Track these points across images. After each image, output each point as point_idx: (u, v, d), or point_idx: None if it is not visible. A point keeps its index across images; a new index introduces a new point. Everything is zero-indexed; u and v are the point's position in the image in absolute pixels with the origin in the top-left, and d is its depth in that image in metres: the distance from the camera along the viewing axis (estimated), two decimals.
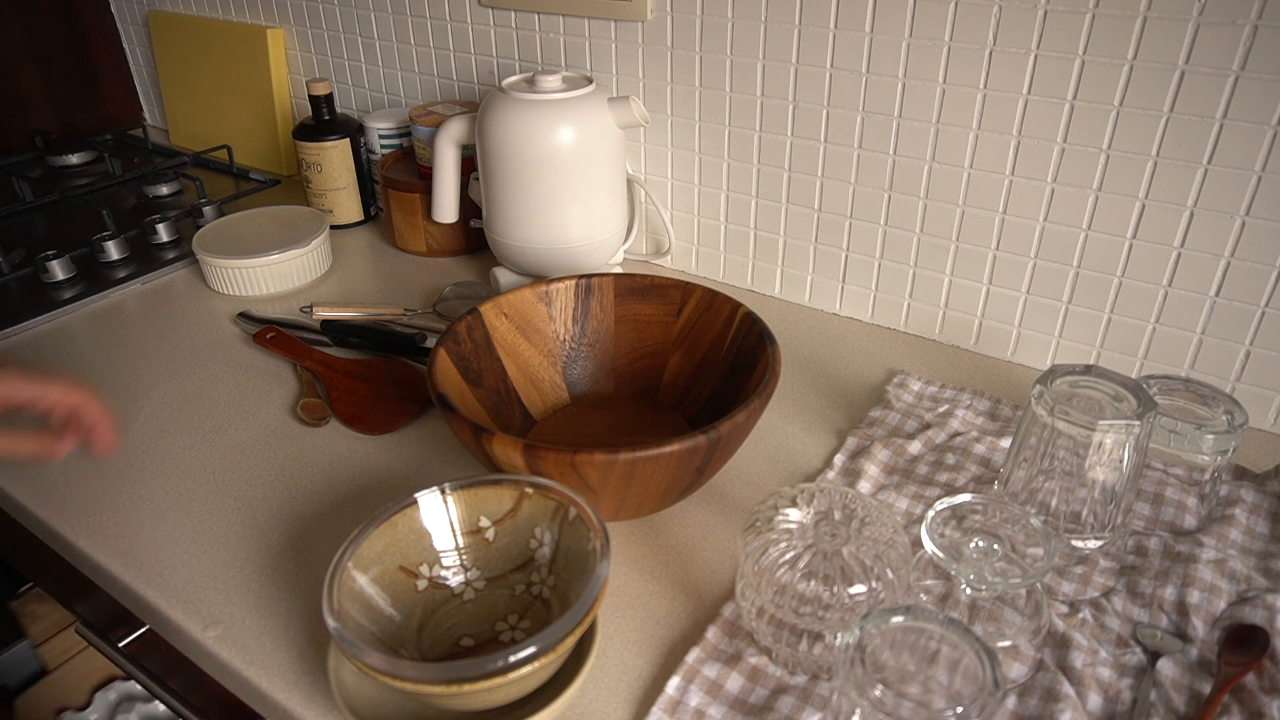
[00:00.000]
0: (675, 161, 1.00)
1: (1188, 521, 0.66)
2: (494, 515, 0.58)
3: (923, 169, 0.84)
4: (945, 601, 0.57)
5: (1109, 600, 0.60)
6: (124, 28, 1.56)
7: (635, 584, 0.64)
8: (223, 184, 1.36)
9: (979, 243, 0.85)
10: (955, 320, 0.90)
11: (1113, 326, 0.81)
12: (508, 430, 0.74)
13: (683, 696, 0.54)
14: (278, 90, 1.34)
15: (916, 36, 0.79)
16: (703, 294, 0.77)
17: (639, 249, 1.10)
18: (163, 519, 0.70)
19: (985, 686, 0.41)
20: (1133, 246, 0.77)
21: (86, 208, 1.24)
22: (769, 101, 0.90)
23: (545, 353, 0.79)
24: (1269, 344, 0.75)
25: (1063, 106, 0.75)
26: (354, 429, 0.79)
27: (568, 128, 0.87)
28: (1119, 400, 0.60)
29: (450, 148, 0.97)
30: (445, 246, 1.11)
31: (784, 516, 0.55)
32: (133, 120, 1.62)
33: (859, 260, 0.93)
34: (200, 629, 0.61)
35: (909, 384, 0.84)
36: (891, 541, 0.54)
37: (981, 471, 0.72)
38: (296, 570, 0.65)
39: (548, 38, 1.02)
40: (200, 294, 1.04)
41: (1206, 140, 0.71)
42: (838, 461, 0.74)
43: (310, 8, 1.25)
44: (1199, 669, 0.56)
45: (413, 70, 1.19)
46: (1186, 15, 0.68)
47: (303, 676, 0.57)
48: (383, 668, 0.45)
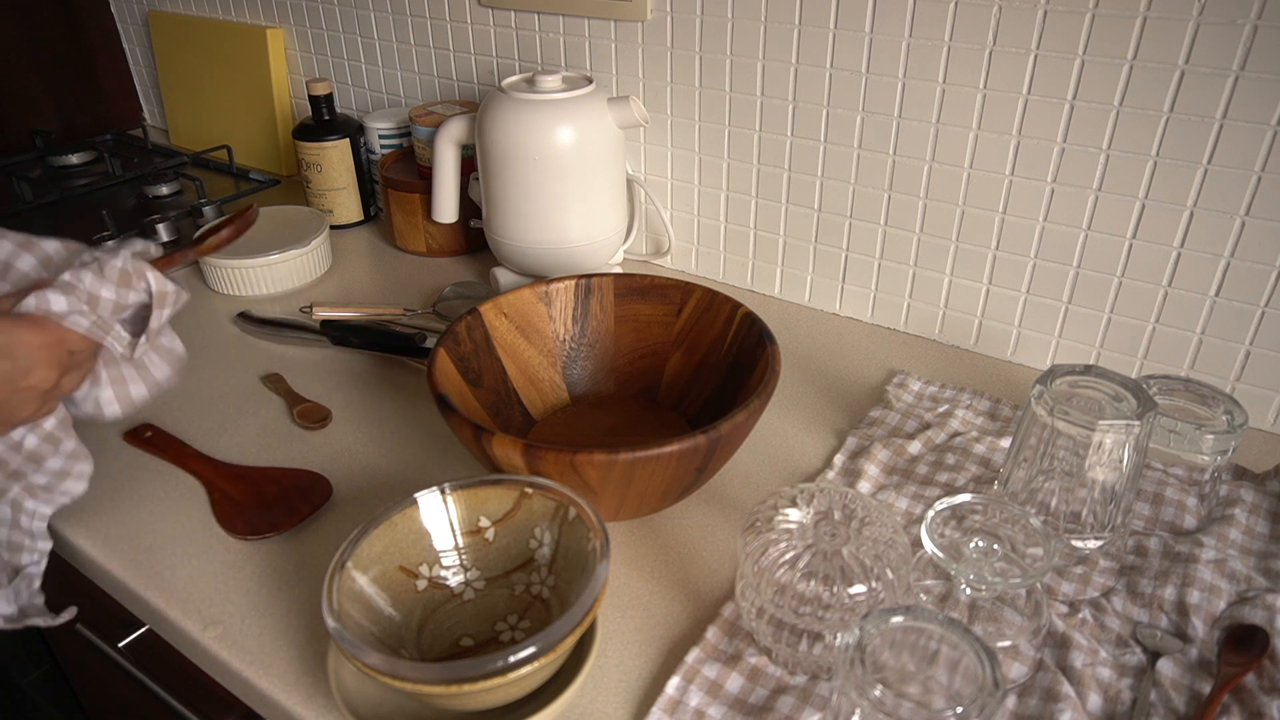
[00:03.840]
0: (675, 161, 1.00)
1: (1188, 521, 0.66)
2: (494, 515, 0.58)
3: (923, 169, 0.84)
4: (945, 601, 0.57)
5: (1109, 600, 0.60)
6: (124, 28, 1.56)
7: (635, 584, 0.64)
8: (223, 184, 1.36)
9: (979, 243, 0.85)
10: (955, 320, 0.90)
11: (1113, 326, 0.81)
12: (508, 430, 0.74)
13: (683, 696, 0.54)
14: (278, 90, 1.34)
15: (916, 36, 0.79)
16: (702, 294, 0.77)
17: (639, 249, 1.10)
18: (163, 519, 0.70)
19: (985, 686, 0.41)
20: (1133, 246, 0.77)
21: (86, 208, 1.24)
22: (769, 101, 0.90)
23: (545, 353, 0.79)
24: (1269, 344, 0.75)
25: (1063, 106, 0.75)
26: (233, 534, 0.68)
27: (568, 128, 0.87)
28: (1119, 400, 0.60)
29: (450, 148, 0.97)
30: (445, 246, 1.11)
31: (784, 516, 0.55)
32: (133, 120, 1.62)
33: (859, 260, 0.93)
34: (200, 629, 0.61)
35: (909, 384, 0.84)
36: (891, 541, 0.54)
37: (981, 471, 0.72)
38: (296, 570, 0.65)
39: (548, 38, 1.02)
40: (200, 294, 1.04)
41: (1206, 140, 0.71)
42: (838, 461, 0.74)
43: (310, 8, 1.25)
44: (1199, 669, 0.56)
45: (413, 70, 1.19)
46: (1186, 15, 0.68)
47: (303, 676, 0.57)
48: (382, 668, 0.45)
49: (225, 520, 0.69)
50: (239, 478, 0.74)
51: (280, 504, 0.70)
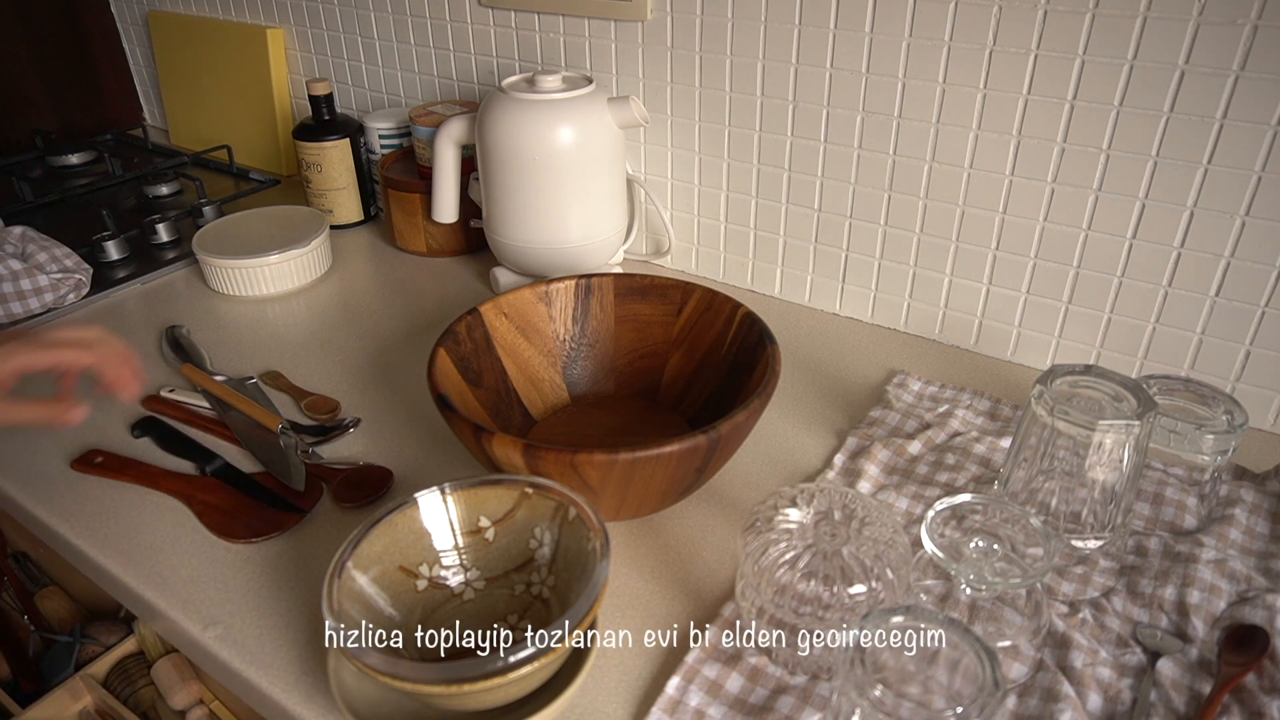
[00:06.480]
0: (675, 161, 1.00)
1: (1188, 521, 0.66)
2: (494, 515, 0.58)
3: (923, 169, 0.84)
4: (945, 601, 0.57)
5: (1109, 600, 0.60)
6: (124, 28, 1.56)
7: (635, 584, 0.64)
8: (223, 184, 1.36)
9: (979, 243, 0.85)
10: (955, 320, 0.90)
11: (1113, 326, 0.81)
12: (508, 430, 0.74)
13: (683, 696, 0.54)
14: (278, 90, 1.34)
15: (916, 36, 0.79)
16: (703, 294, 0.77)
17: (639, 249, 1.10)
18: (163, 519, 0.70)
19: (985, 686, 0.41)
20: (1133, 246, 0.77)
21: (86, 208, 1.24)
22: (769, 101, 0.90)
23: (545, 353, 0.79)
24: (1269, 344, 0.75)
25: (1063, 106, 0.75)
26: (234, 541, 0.67)
27: (568, 128, 0.87)
28: (1119, 400, 0.60)
29: (450, 148, 0.97)
30: (445, 246, 1.11)
31: (784, 516, 0.55)
32: (133, 120, 1.62)
33: (859, 260, 0.93)
34: (200, 629, 0.61)
35: (909, 384, 0.84)
36: (891, 541, 0.54)
37: (981, 471, 0.72)
38: (296, 570, 0.65)
39: (548, 38, 1.02)
40: (200, 294, 1.04)
41: (1206, 140, 0.70)
42: (838, 461, 0.74)
43: (310, 8, 1.25)
44: (1199, 669, 0.56)
45: (413, 70, 1.19)
46: (1186, 15, 0.68)
47: (303, 676, 0.57)
48: (382, 668, 0.45)
49: (220, 529, 0.68)
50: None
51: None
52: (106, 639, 0.91)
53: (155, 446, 0.77)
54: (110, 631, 0.93)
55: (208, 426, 0.80)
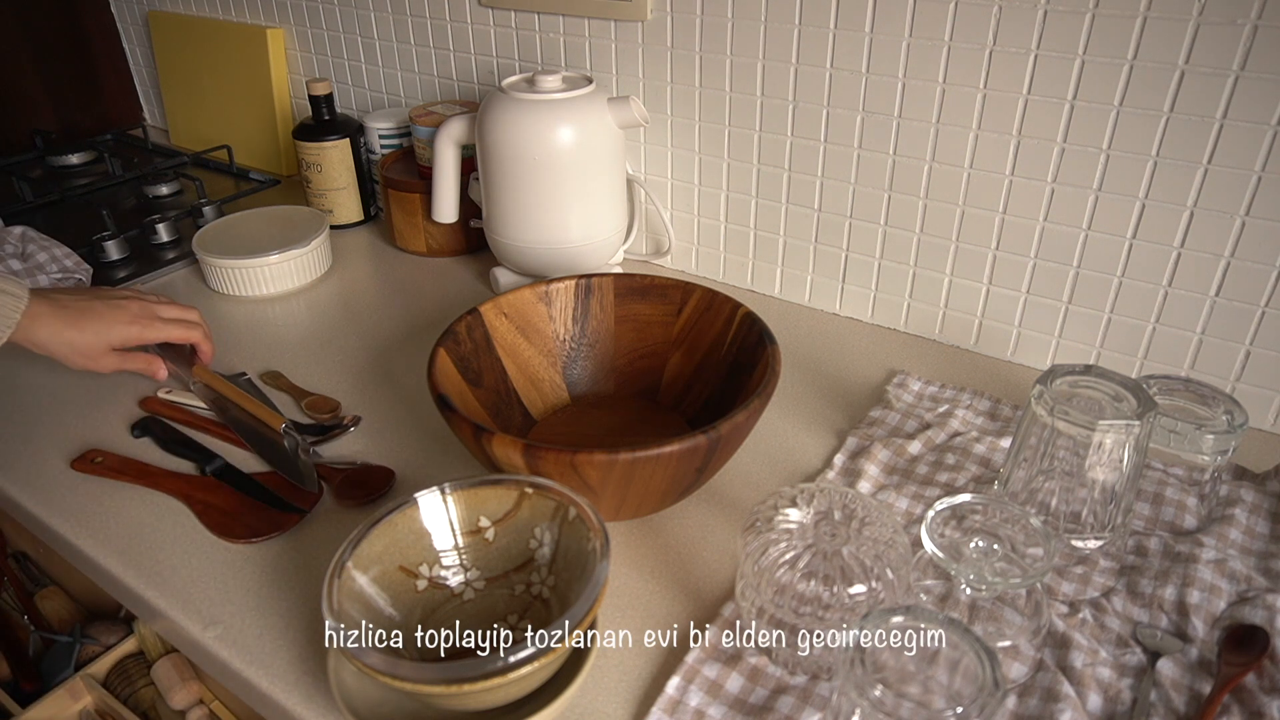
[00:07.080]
0: (675, 161, 1.00)
1: (1188, 521, 0.66)
2: (494, 515, 0.58)
3: (923, 169, 0.84)
4: (945, 601, 0.57)
5: (1109, 600, 0.60)
6: (124, 28, 1.56)
7: (635, 584, 0.64)
8: (223, 184, 1.36)
9: (979, 243, 0.85)
10: (955, 320, 0.90)
11: (1113, 326, 0.81)
12: (508, 430, 0.74)
13: (683, 696, 0.54)
14: (278, 90, 1.34)
15: (916, 36, 0.79)
16: (702, 294, 0.77)
17: (639, 249, 1.10)
18: (163, 519, 0.70)
19: (985, 686, 0.41)
20: (1133, 246, 0.77)
21: (86, 208, 1.24)
22: (769, 101, 0.90)
23: (545, 353, 0.79)
24: (1269, 344, 0.75)
25: (1063, 106, 0.75)
26: (235, 541, 0.67)
27: (568, 128, 0.87)
28: (1119, 400, 0.60)
29: (450, 148, 0.97)
30: (445, 246, 1.11)
31: (784, 516, 0.55)
32: (133, 120, 1.62)
33: (859, 260, 0.93)
34: (200, 629, 0.61)
35: (909, 384, 0.84)
36: (891, 541, 0.54)
37: (981, 471, 0.72)
38: (296, 570, 0.65)
39: (548, 38, 1.02)
40: (200, 294, 1.04)
41: (1206, 140, 0.70)
42: (838, 461, 0.74)
43: (310, 8, 1.25)
44: (1199, 669, 0.56)
45: (413, 70, 1.19)
46: (1186, 15, 0.68)
47: (303, 676, 0.57)
48: (382, 668, 0.45)
49: (220, 529, 0.68)
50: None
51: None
52: (106, 639, 0.91)
53: (155, 446, 0.77)
54: (110, 631, 0.93)
55: (207, 426, 0.80)
